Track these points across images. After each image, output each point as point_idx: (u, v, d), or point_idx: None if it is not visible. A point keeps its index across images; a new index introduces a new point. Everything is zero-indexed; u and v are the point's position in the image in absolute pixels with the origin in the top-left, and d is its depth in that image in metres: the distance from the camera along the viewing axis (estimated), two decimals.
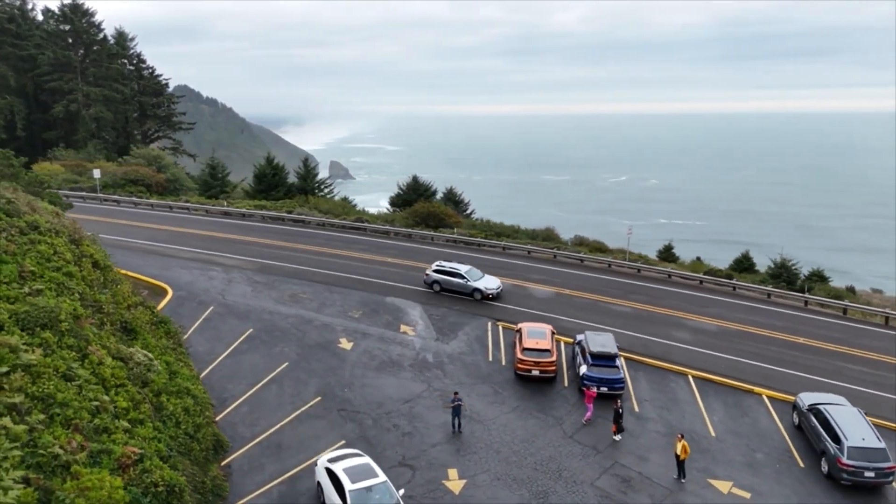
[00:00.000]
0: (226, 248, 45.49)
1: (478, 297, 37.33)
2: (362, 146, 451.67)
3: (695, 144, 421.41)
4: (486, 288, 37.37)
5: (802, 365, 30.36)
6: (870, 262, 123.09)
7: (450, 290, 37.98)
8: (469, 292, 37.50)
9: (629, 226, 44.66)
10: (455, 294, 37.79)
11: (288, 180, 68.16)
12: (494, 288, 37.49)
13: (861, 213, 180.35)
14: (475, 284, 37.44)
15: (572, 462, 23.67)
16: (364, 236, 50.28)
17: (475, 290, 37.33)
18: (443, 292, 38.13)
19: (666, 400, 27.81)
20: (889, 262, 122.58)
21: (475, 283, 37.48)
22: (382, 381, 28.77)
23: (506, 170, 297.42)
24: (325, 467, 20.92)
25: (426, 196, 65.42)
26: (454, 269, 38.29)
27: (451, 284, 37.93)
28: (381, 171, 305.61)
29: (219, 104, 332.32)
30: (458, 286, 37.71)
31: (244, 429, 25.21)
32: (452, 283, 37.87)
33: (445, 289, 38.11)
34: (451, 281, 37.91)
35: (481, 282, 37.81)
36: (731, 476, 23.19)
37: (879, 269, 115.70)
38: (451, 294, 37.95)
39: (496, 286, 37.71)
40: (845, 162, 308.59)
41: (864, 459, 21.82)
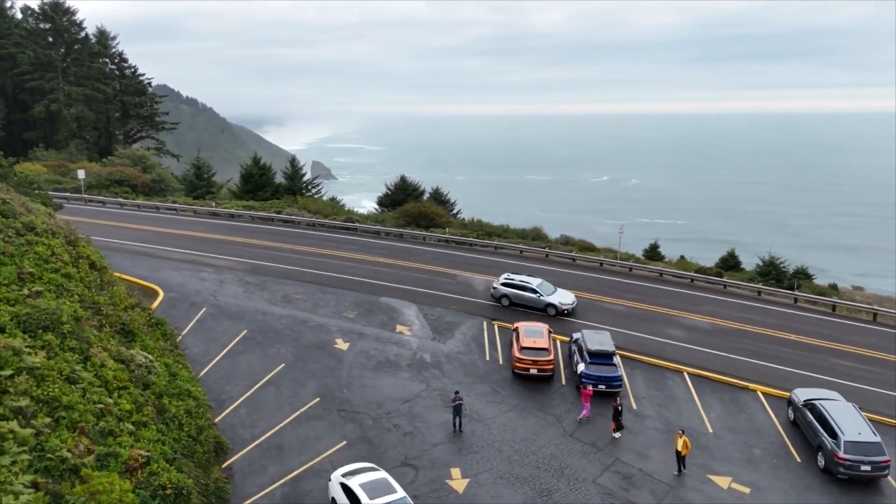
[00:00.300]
0: (216, 248, 45.05)
1: (552, 312, 34.89)
2: (344, 146, 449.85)
3: (674, 144, 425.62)
4: (561, 303, 34.98)
5: (795, 361, 30.83)
6: (845, 259, 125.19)
7: (520, 304, 35.63)
8: (542, 307, 35.11)
9: (621, 225, 45.06)
10: (526, 308, 35.39)
11: (275, 180, 67.71)
12: (569, 303, 35.22)
13: (835, 212, 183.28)
14: (549, 299, 35.09)
15: (573, 460, 23.81)
16: (355, 236, 50.10)
17: (549, 305, 34.97)
18: (512, 306, 35.79)
19: (663, 397, 28.08)
20: (863, 260, 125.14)
21: (549, 298, 35.14)
22: (381, 381, 28.70)
23: (488, 170, 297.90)
24: (340, 482, 20.28)
25: (414, 196, 65.38)
26: (525, 283, 35.89)
27: (521, 299, 35.61)
28: (364, 171, 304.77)
29: (199, 104, 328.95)
30: (530, 301, 35.35)
31: (244, 430, 25.01)
32: (523, 298, 35.53)
33: (515, 303, 35.77)
34: (522, 295, 35.58)
35: (555, 296, 35.45)
36: (730, 471, 23.49)
37: (854, 266, 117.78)
38: (520, 306, 35.76)
39: (571, 301, 35.47)
40: (820, 161, 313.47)
41: (861, 454, 22.21)
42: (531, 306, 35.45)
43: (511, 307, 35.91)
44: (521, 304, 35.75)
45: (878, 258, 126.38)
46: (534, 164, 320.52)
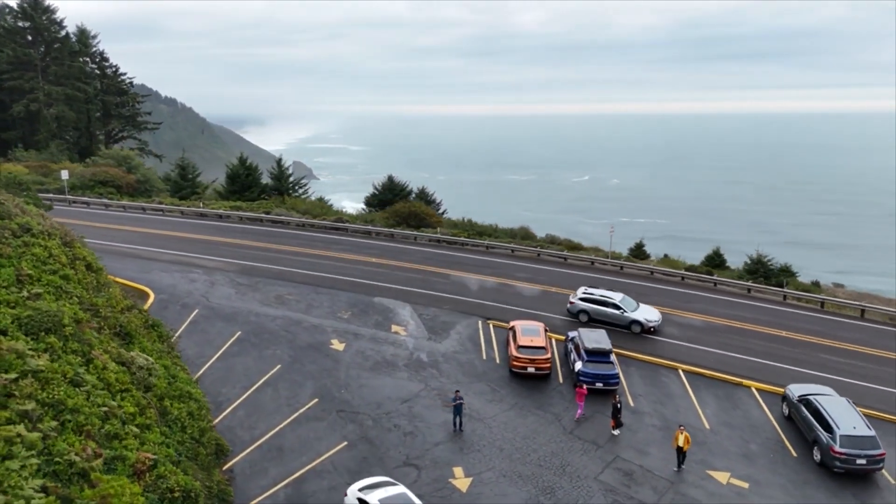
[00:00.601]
0: (205, 249, 44.60)
1: (636, 330, 32.93)
2: (325, 146, 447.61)
3: (653, 144, 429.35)
4: (647, 320, 32.92)
5: (787, 357, 31.31)
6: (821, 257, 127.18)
7: (599, 320, 33.57)
8: (626, 325, 33.09)
9: (611, 225, 45.38)
10: (607, 325, 33.11)
11: (261, 181, 67.25)
12: (656, 320, 33.16)
13: (811, 210, 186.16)
14: (633, 316, 33.06)
15: (574, 457, 23.96)
16: (345, 237, 49.90)
17: (633, 322, 32.96)
18: (591, 322, 33.66)
19: (659, 394, 28.35)
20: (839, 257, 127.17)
21: (633, 315, 33.11)
22: (379, 381, 28.63)
23: (470, 170, 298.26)
24: (358, 497, 19.94)
25: (402, 196, 65.36)
26: (606, 298, 33.81)
27: (602, 315, 33.53)
28: (345, 171, 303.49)
29: (178, 104, 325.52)
30: (612, 317, 33.30)
31: (243, 432, 24.81)
32: (604, 314, 33.49)
33: (595, 319, 33.71)
34: (603, 311, 33.54)
35: (639, 312, 33.42)
36: (728, 467, 23.79)
37: (831, 263, 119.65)
38: (600, 322, 33.57)
39: (657, 318, 33.39)
40: (797, 160, 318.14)
41: (856, 447, 22.62)
42: (612, 323, 33.32)
43: (590, 322, 33.76)
44: (600, 321, 33.56)
45: (854, 255, 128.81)
46: (515, 164, 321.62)
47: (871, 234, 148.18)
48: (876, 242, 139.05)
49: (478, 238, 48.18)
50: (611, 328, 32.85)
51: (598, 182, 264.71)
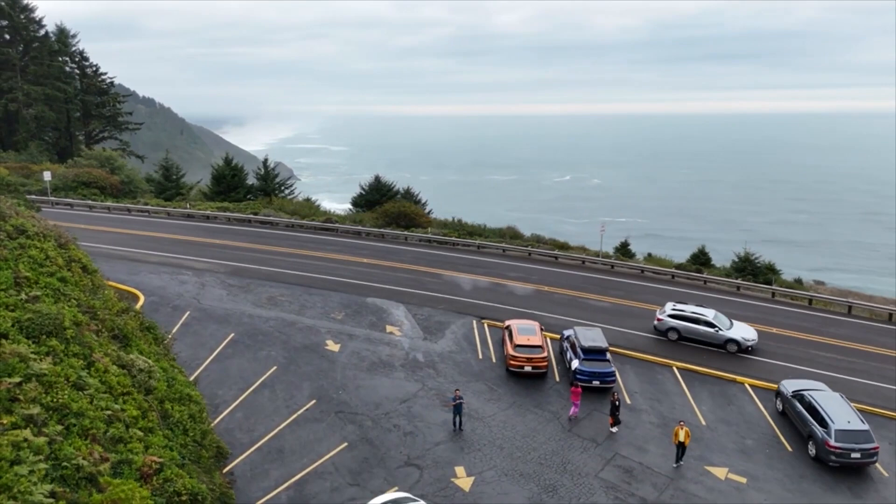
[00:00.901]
0: (194, 251, 44.15)
1: (732, 349, 31.22)
2: (306, 146, 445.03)
3: (633, 144, 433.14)
4: (745, 339, 31.15)
5: (778, 353, 31.77)
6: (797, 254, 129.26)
7: (691, 339, 32.01)
8: (721, 343, 31.39)
9: (602, 223, 45.69)
10: (698, 344, 31.91)
11: (247, 181, 66.73)
12: (753, 338, 31.42)
13: (786, 209, 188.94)
14: (729, 334, 31.29)
15: (574, 455, 24.09)
16: (335, 237, 49.69)
17: (730, 341, 31.21)
18: (681, 341, 32.20)
19: (655, 391, 28.62)
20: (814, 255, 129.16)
21: (729, 333, 31.36)
22: (376, 381, 28.55)
23: (451, 170, 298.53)
24: None
25: (388, 196, 65.28)
26: (699, 315, 32.03)
27: (694, 333, 31.85)
28: (327, 171, 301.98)
29: (156, 104, 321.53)
30: (705, 336, 31.61)
31: (242, 434, 24.60)
32: (696, 332, 31.79)
33: (686, 338, 32.11)
34: (695, 329, 31.82)
35: (735, 330, 31.62)
36: (726, 462, 24.08)
37: (806, 261, 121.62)
38: (691, 341, 32.10)
39: (754, 336, 31.65)
40: (772, 160, 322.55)
41: (851, 441, 23.02)
42: (706, 342, 31.74)
43: (680, 342, 32.24)
44: (692, 339, 32.00)
45: (829, 253, 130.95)
46: (497, 164, 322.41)
47: (844, 231, 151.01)
48: (849, 240, 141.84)
49: (468, 238, 48.27)
50: (704, 346, 31.83)
51: (579, 182, 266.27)
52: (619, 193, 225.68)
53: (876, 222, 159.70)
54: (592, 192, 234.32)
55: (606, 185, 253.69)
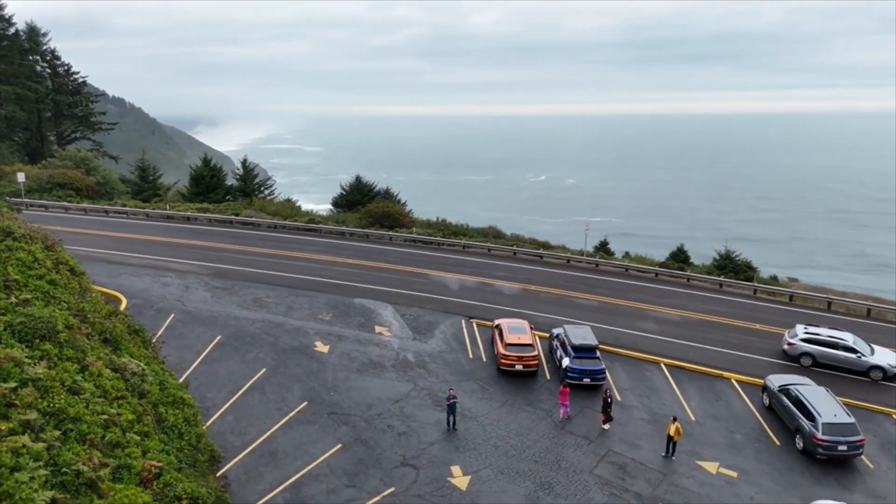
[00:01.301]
0: (175, 252, 43.50)
1: (877, 377, 29.06)
2: (280, 147, 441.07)
3: (608, 144, 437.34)
4: (891, 365, 29.02)
5: (762, 349, 32.37)
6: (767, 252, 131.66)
7: (828, 365, 29.89)
8: (863, 370, 29.25)
9: (587, 223, 46.07)
10: (835, 370, 29.89)
11: (226, 182, 65.98)
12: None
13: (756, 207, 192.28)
14: (873, 360, 29.05)
15: (568, 452, 24.26)
16: (319, 238, 49.35)
17: (873, 367, 29.05)
18: (814, 367, 30.03)
19: (644, 388, 28.95)
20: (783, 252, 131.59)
21: (873, 359, 29.12)
22: (367, 382, 28.43)
23: (428, 170, 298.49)
24: None
25: (369, 196, 65.08)
26: (837, 339, 29.87)
27: (831, 359, 29.72)
28: (301, 172, 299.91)
29: (126, 104, 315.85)
30: (845, 362, 29.43)
31: (233, 438, 24.31)
32: (836, 358, 29.66)
33: (821, 364, 29.92)
34: (833, 354, 29.69)
35: (879, 356, 29.39)
36: (716, 457, 24.45)
37: (777, 258, 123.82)
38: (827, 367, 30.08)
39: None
40: (742, 159, 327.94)
41: (838, 434, 23.55)
42: (845, 368, 29.61)
43: (814, 367, 30.09)
44: (829, 366, 29.95)
45: (798, 250, 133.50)
46: (473, 164, 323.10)
47: (811, 229, 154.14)
48: (816, 237, 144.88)
49: (453, 238, 48.30)
50: (839, 373, 29.92)
51: (554, 182, 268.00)
52: (594, 193, 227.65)
53: (841, 220, 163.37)
54: (568, 192, 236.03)
55: (582, 184, 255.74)
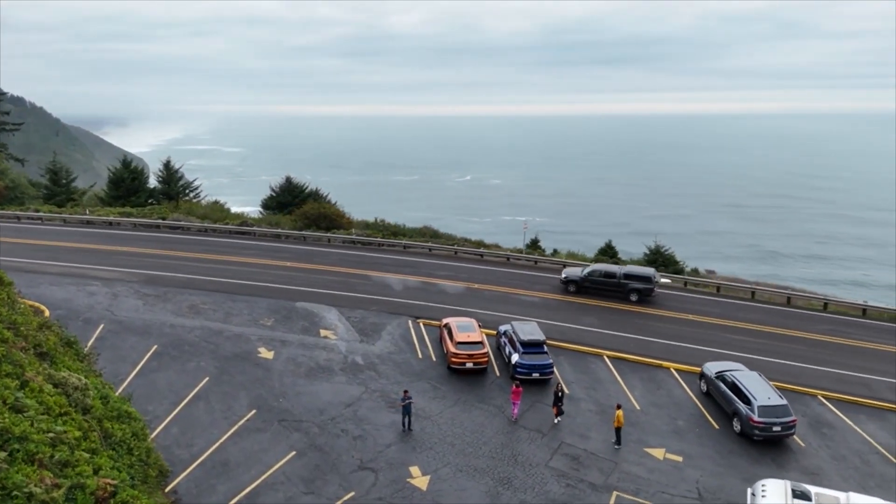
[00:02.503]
0: (99, 259, 41.23)
1: None
2: (197, 148, 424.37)
3: (529, 145, 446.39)
4: None
5: (697, 339, 33.94)
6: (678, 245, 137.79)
7: None
8: None
9: (524, 221, 46.87)
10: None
11: (148, 185, 63.12)
12: None
13: (670, 204, 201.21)
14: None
15: (523, 447, 24.64)
16: (253, 241, 47.95)
17: None
18: None
19: (590, 380, 29.77)
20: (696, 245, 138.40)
21: None
22: (317, 387, 27.90)
23: (353, 171, 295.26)
24: None
25: (301, 197, 63.94)
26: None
27: None
28: (221, 173, 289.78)
29: (26, 103, 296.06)
30: None
31: (181, 450, 23.28)
32: None
33: None
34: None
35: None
36: (662, 443, 25.44)
37: (685, 251, 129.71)
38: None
39: None
40: (656, 159, 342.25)
41: (772, 416, 24.98)
42: None
43: None
44: None
45: (711, 243, 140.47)
46: (398, 165, 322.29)
47: (715, 223, 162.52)
48: (718, 230, 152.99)
49: (393, 238, 48.06)
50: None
51: (479, 182, 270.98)
52: (518, 193, 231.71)
53: (739, 213, 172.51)
54: (493, 192, 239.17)
55: (506, 184, 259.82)
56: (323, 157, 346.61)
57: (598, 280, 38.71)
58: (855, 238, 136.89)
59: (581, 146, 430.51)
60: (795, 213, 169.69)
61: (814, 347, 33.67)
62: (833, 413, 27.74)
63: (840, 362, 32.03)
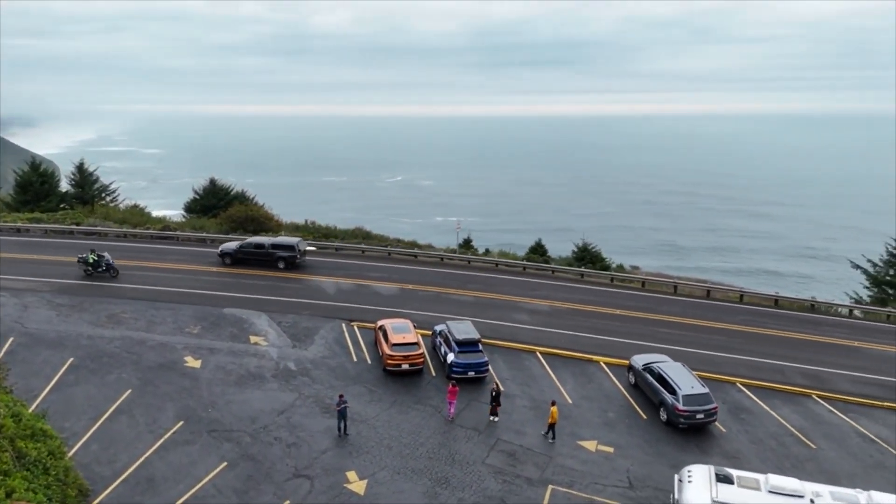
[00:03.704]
0: (7, 269, 38.74)
1: None
2: (113, 149, 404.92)
3: (460, 146, 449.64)
4: None
5: (623, 332, 35.02)
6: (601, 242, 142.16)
7: None
8: None
9: (457, 221, 47.15)
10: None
11: (60, 188, 59.80)
12: None
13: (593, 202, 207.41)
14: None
15: (460, 446, 24.75)
16: (177, 246, 46.18)
17: None
18: None
19: (524, 377, 30.23)
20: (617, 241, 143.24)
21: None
22: (248, 395, 27.13)
23: (280, 172, 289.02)
24: None
25: (227, 200, 62.23)
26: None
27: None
28: (139, 176, 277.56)
29: None
30: None
31: (102, 468, 22.11)
32: None
33: None
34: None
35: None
36: (594, 435, 26.10)
37: (609, 247, 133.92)
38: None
39: None
40: (580, 158, 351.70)
41: (696, 404, 26.06)
42: None
43: None
44: None
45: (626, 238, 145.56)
46: (328, 166, 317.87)
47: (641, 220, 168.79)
48: (646, 226, 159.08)
49: (325, 240, 47.33)
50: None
51: (410, 182, 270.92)
52: (450, 193, 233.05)
53: (650, 211, 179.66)
54: (425, 193, 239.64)
55: (437, 185, 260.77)
56: (250, 159, 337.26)
57: (249, 251, 41.85)
58: (762, 232, 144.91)
59: (511, 147, 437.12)
60: (703, 208, 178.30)
61: (732, 337, 35.39)
62: (750, 399, 29.22)
63: (756, 350, 33.80)
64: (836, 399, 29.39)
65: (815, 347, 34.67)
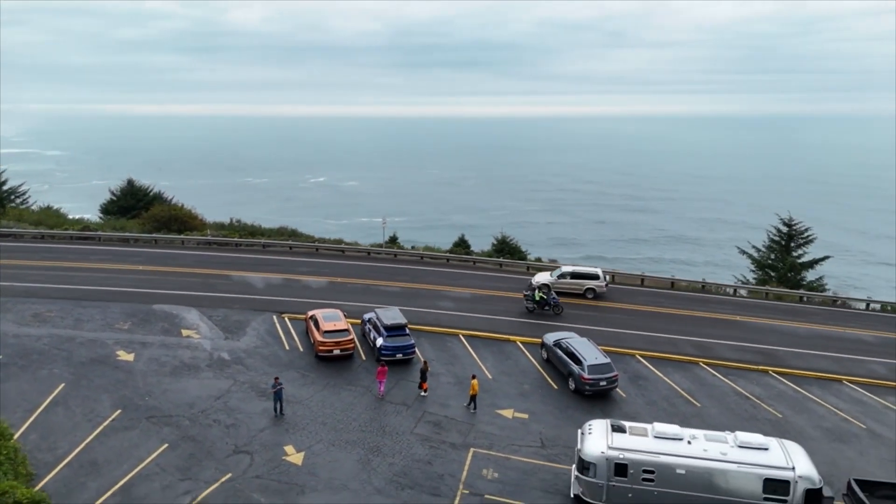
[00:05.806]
0: None
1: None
2: (10, 151, 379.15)
3: (383, 146, 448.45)
4: None
5: (538, 314, 38.09)
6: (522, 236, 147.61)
7: None
8: None
9: (383, 217, 49.08)
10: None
11: None
12: None
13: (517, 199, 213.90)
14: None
15: (390, 419, 26.91)
16: (98, 246, 45.91)
17: None
18: None
19: (448, 357, 32.70)
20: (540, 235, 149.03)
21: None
22: (184, 384, 28.27)
23: (196, 173, 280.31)
24: None
25: (146, 201, 61.78)
26: None
27: None
28: (40, 178, 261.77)
29: None
30: None
31: (43, 454, 22.88)
32: None
33: None
34: None
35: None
36: (511, 405, 28.84)
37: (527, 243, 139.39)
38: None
39: None
40: (501, 158, 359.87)
41: (599, 373, 29.30)
42: None
43: None
44: None
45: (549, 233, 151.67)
46: (246, 167, 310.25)
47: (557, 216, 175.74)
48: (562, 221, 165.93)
49: (251, 238, 48.19)
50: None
51: (334, 183, 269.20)
52: (375, 193, 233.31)
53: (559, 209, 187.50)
54: (349, 193, 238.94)
55: (362, 185, 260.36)
56: (163, 160, 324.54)
57: None
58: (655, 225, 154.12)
59: (435, 147, 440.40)
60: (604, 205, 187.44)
61: (632, 316, 39.19)
62: (647, 368, 32.86)
63: (653, 326, 37.67)
64: (719, 365, 33.48)
65: (704, 322, 38.98)
